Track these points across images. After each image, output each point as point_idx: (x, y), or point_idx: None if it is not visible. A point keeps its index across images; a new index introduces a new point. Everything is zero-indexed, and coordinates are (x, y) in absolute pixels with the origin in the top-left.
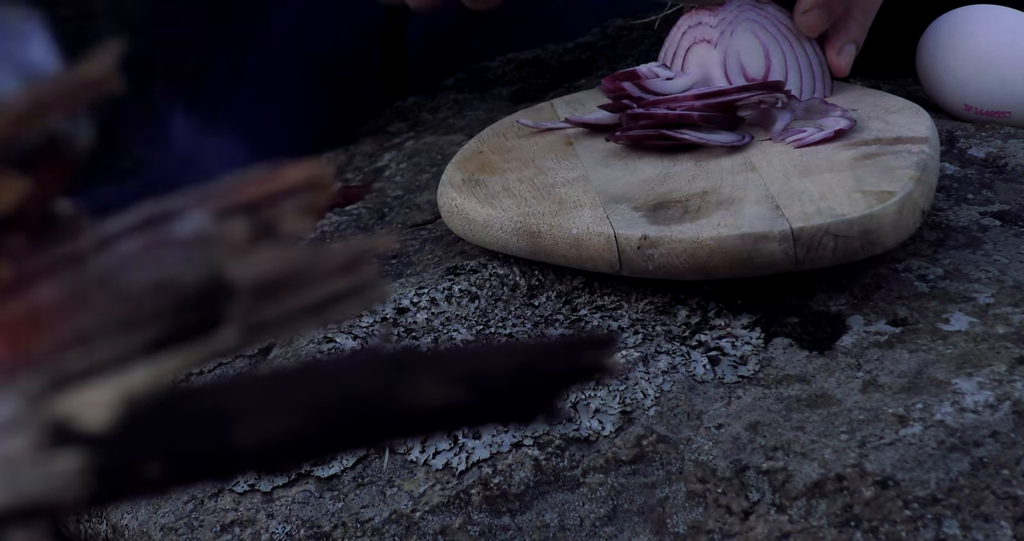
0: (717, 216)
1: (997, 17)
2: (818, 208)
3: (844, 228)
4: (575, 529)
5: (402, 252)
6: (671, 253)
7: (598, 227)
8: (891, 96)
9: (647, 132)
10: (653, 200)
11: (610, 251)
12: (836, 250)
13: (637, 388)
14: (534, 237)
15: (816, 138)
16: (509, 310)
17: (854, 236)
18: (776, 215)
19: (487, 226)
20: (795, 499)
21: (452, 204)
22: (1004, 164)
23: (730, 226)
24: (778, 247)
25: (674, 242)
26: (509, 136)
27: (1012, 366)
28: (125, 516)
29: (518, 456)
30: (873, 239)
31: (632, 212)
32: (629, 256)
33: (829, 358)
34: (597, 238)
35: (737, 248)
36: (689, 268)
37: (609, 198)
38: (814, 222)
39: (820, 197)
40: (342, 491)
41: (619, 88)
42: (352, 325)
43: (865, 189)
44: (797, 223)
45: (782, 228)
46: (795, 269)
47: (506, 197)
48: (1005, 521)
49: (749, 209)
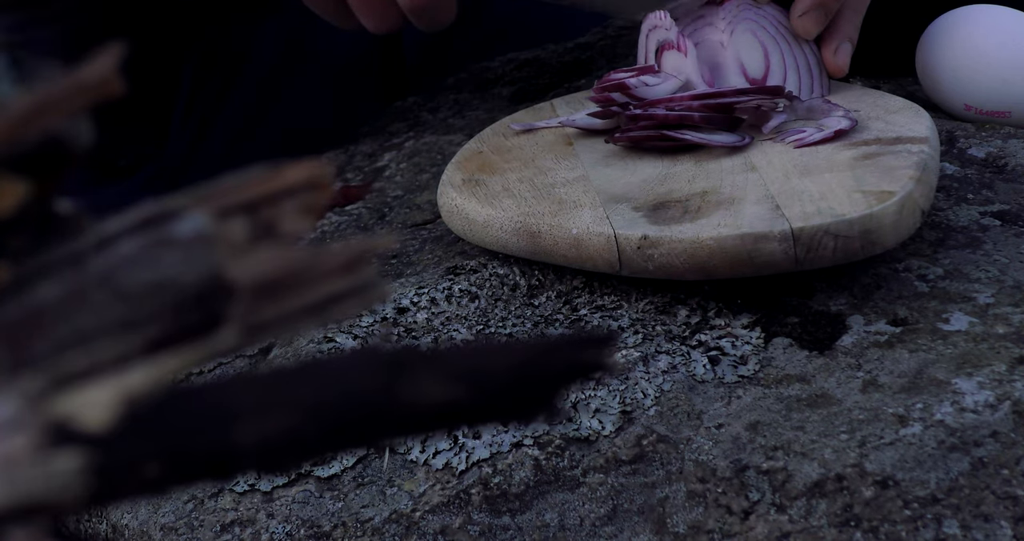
0: (717, 216)
1: (997, 17)
2: (818, 208)
3: (844, 228)
4: (575, 529)
5: (402, 252)
6: (671, 253)
7: (598, 227)
8: (891, 96)
9: (647, 133)
10: (653, 200)
11: (610, 251)
12: (836, 250)
13: (637, 388)
14: (534, 237)
15: (816, 138)
16: (509, 310)
17: (854, 236)
18: (776, 215)
19: (487, 226)
20: (795, 499)
21: (452, 204)
22: (1004, 164)
23: (730, 226)
24: (778, 247)
25: (674, 242)
26: (509, 136)
27: (1012, 366)
28: (125, 516)
29: (518, 456)
30: (873, 239)
31: (632, 212)
32: (629, 256)
33: (829, 358)
34: (597, 238)
35: (737, 248)
36: (689, 268)
37: (609, 198)
38: (814, 222)
39: (820, 197)
40: (342, 491)
41: (607, 98)
42: (352, 325)
43: (865, 189)
44: (797, 223)
45: (782, 228)
46: (795, 269)
47: (506, 197)
48: (1005, 521)
49: (749, 209)
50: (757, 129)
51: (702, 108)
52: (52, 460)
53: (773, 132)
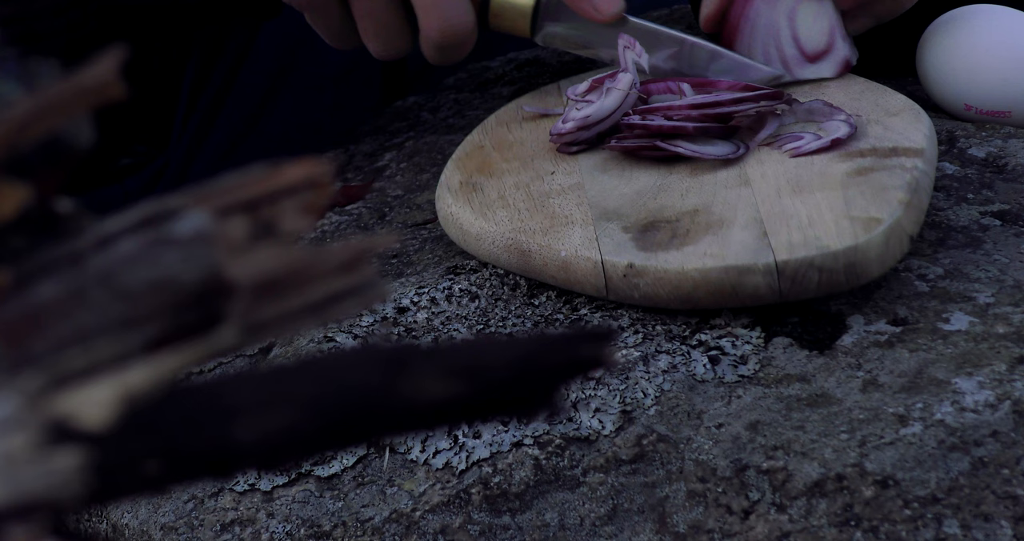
0: (704, 243)
1: (997, 17)
2: (804, 237)
3: (829, 261)
4: (575, 528)
5: (402, 252)
6: (656, 283)
7: (586, 251)
8: (893, 93)
9: (640, 143)
10: (644, 218)
11: (597, 277)
12: (820, 283)
13: (637, 387)
14: (524, 256)
15: (813, 147)
16: (509, 310)
17: (839, 269)
18: (762, 244)
19: (480, 239)
20: (795, 498)
21: (448, 211)
22: (1004, 164)
23: (715, 257)
24: (762, 280)
25: (660, 271)
26: (513, 128)
27: (1012, 366)
28: (125, 515)
29: (518, 455)
30: (858, 271)
31: (621, 233)
32: (616, 284)
33: (829, 357)
34: (585, 263)
35: (721, 280)
36: (674, 298)
37: (601, 214)
38: (799, 254)
39: (808, 223)
40: (342, 490)
41: (566, 143)
42: (352, 324)
43: (853, 215)
44: (782, 255)
45: (766, 261)
46: (779, 301)
47: (500, 207)
48: (1005, 521)
49: (736, 235)
50: (755, 133)
51: (700, 117)
52: (51, 458)
53: (771, 137)
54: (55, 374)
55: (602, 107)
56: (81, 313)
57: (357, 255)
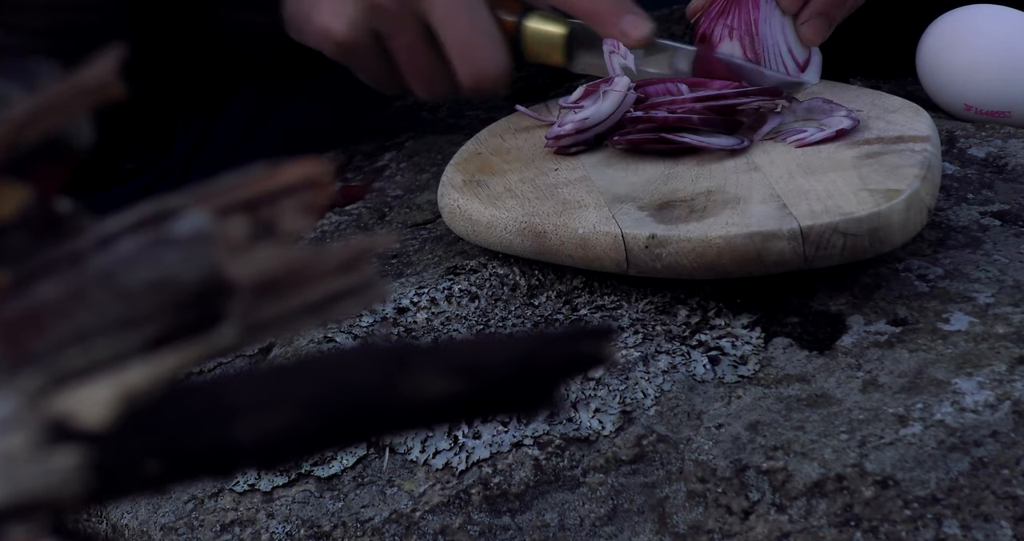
0: (724, 215)
1: (997, 17)
2: (825, 206)
3: (853, 226)
4: (575, 529)
5: (402, 252)
6: (680, 252)
7: (604, 226)
8: (889, 96)
9: (646, 136)
10: (658, 199)
11: (617, 251)
12: (845, 248)
13: (637, 388)
14: (539, 237)
15: (817, 137)
16: (509, 310)
17: (863, 234)
18: (784, 213)
19: (491, 227)
20: (795, 499)
21: (454, 205)
22: (1004, 164)
23: (739, 225)
24: (787, 245)
25: (683, 241)
26: (507, 137)
27: (1012, 366)
28: (125, 515)
29: (518, 456)
30: (882, 237)
31: (638, 211)
32: (637, 255)
33: (829, 358)
34: (604, 238)
35: (746, 246)
36: (698, 267)
37: (613, 198)
38: (823, 220)
39: (827, 195)
40: (342, 491)
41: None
42: (352, 324)
43: (871, 187)
44: (806, 221)
45: (791, 226)
46: (804, 267)
47: (509, 197)
48: (1005, 521)
49: (756, 208)
50: (755, 131)
51: (704, 110)
52: (51, 457)
53: (772, 133)
54: (55, 374)
55: (600, 109)
56: (81, 313)
57: (357, 255)
